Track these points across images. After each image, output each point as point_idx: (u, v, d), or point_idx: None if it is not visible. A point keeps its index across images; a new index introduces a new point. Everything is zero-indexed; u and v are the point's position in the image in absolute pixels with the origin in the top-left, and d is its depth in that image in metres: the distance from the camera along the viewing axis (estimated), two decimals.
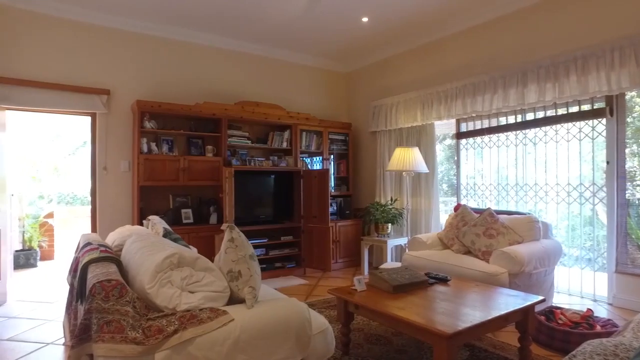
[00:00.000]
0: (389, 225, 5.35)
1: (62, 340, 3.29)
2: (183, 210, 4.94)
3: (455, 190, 5.32)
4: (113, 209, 4.83)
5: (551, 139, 4.30)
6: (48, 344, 3.26)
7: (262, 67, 5.98)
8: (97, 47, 4.79)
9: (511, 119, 4.62)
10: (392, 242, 5.25)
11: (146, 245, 2.11)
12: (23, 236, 6.68)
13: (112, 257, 2.03)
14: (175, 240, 2.62)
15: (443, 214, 5.52)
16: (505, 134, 4.66)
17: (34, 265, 6.47)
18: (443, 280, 3.09)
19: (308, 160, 6.15)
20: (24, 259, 6.42)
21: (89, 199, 4.87)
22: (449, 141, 6.09)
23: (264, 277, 5.00)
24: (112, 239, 2.88)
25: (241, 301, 2.00)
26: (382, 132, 6.01)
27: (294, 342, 1.97)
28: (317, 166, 6.19)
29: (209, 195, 5.25)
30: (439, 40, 5.28)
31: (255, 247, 5.26)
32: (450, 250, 4.21)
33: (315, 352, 2.09)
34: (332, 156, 6.26)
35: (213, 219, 5.04)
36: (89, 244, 2.42)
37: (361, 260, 5.61)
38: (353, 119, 6.66)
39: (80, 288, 2.01)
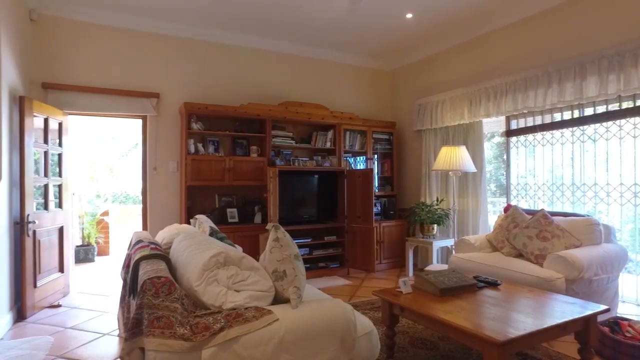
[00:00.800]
0: (435, 226, 5.21)
1: (117, 332, 3.46)
2: (228, 210, 5.05)
3: (505, 190, 5.09)
4: (162, 207, 5.02)
5: (614, 135, 4.00)
6: (105, 334, 3.44)
7: (306, 68, 6.01)
8: (147, 53, 4.99)
9: (566, 115, 4.35)
10: (438, 244, 5.11)
11: (193, 243, 2.16)
12: (82, 233, 7.09)
13: (161, 254, 2.09)
14: (221, 239, 2.66)
15: (491, 215, 5.30)
16: (560, 130, 4.40)
17: (92, 260, 6.85)
18: (493, 285, 2.95)
19: (351, 160, 6.11)
20: (84, 253, 6.81)
21: (140, 198, 5.11)
22: (497, 139, 5.83)
23: (308, 276, 4.97)
24: (161, 237, 2.98)
25: (286, 301, 2.00)
26: (427, 130, 5.86)
27: (338, 344, 1.95)
28: (360, 166, 6.14)
29: (253, 195, 5.34)
30: (487, 34, 5.07)
31: (299, 246, 5.28)
32: (499, 253, 4.03)
33: (359, 354, 2.05)
34: (375, 156, 6.18)
35: (257, 218, 5.12)
36: (140, 241, 2.52)
37: (405, 262, 5.50)
38: (397, 118, 6.54)
39: (132, 283, 2.09)
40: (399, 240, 5.88)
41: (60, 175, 4.49)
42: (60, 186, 4.48)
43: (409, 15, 4.87)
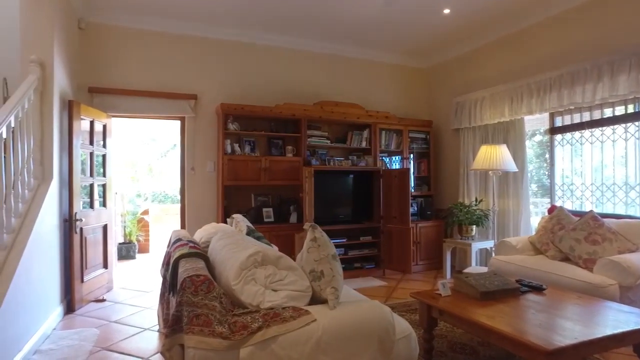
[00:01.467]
0: (474, 227, 5.05)
1: (157, 327, 3.55)
2: (264, 209, 5.09)
3: (548, 190, 4.87)
4: (200, 207, 5.12)
5: None
6: (145, 329, 3.54)
7: (341, 67, 5.98)
8: (186, 55, 5.12)
9: (619, 110, 4.10)
10: (477, 245, 4.96)
11: (231, 242, 2.18)
12: (124, 231, 7.35)
13: (200, 253, 2.12)
14: (258, 238, 2.68)
15: (534, 216, 5.09)
16: (612, 127, 4.16)
17: (133, 257, 7.09)
18: (537, 289, 2.82)
19: (387, 159, 6.03)
20: (125, 251, 7.06)
21: (179, 197, 5.25)
22: (539, 137, 5.59)
23: (343, 277, 4.97)
24: (199, 235, 3.04)
25: (323, 301, 1.98)
26: (466, 129, 5.70)
27: (376, 346, 1.91)
28: (396, 165, 6.05)
29: (288, 195, 5.36)
30: (529, 27, 4.87)
31: (334, 247, 5.25)
32: (543, 256, 3.86)
33: (398, 357, 2.01)
34: (411, 155, 6.07)
35: (293, 218, 5.13)
36: (179, 239, 2.57)
37: (443, 263, 5.37)
38: (434, 117, 6.40)
39: (172, 281, 2.13)
40: (436, 242, 5.75)
41: (104, 175, 4.67)
42: (104, 186, 4.66)
43: (447, 11, 4.75)
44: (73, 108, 3.99)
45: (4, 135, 2.78)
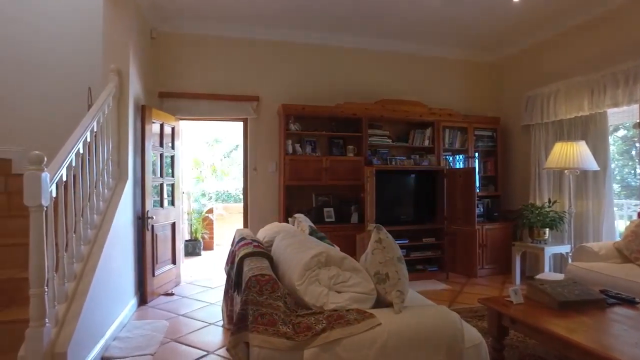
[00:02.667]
0: (547, 230, 4.71)
1: (221, 322, 3.66)
2: (325, 209, 5.09)
3: (636, 191, 4.42)
4: (262, 206, 5.23)
5: None
6: (210, 324, 3.67)
7: (402, 64, 5.84)
8: (247, 58, 5.25)
9: None
10: (551, 250, 4.62)
11: (294, 242, 2.18)
12: (190, 228, 7.70)
13: (264, 252, 2.15)
14: (320, 238, 2.67)
15: (618, 219, 4.64)
16: None
17: (198, 254, 7.41)
18: (628, 302, 2.55)
19: (450, 158, 5.80)
20: (191, 247, 7.39)
21: (241, 196, 5.41)
22: (623, 132, 5.10)
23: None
24: (262, 234, 3.08)
25: (387, 305, 1.92)
26: (537, 125, 5.33)
27: (444, 354, 1.82)
28: (460, 165, 5.80)
29: (349, 195, 5.32)
30: (615, 8, 4.43)
31: None
32: (634, 265, 3.50)
33: None
34: (477, 154, 5.79)
35: (354, 218, 5.09)
36: (243, 238, 2.62)
37: (512, 268, 5.06)
38: (501, 113, 6.06)
39: (236, 279, 2.17)
40: (504, 245, 5.44)
41: (172, 175, 4.91)
42: (172, 185, 4.90)
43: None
44: (145, 112, 4.23)
45: (88, 139, 2.99)
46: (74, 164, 2.72)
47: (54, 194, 2.37)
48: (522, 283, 4.90)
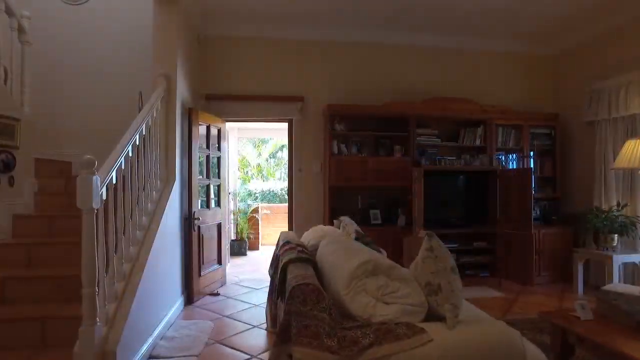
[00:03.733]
0: (615, 236, 4.31)
1: (265, 325, 3.63)
2: (371, 211, 4.96)
3: None
4: (307, 207, 5.18)
5: None
6: (254, 326, 3.65)
7: (451, 60, 5.59)
8: (292, 59, 5.22)
9: None
10: (621, 258, 4.22)
11: (340, 248, 2.08)
12: (236, 228, 7.81)
13: (308, 258, 2.07)
14: (367, 244, 2.56)
15: None
16: None
17: (244, 254, 7.50)
18: None
19: (502, 158, 5.48)
20: (237, 247, 7.49)
21: (286, 197, 5.39)
22: None
23: None
24: (307, 238, 3.01)
25: (439, 318, 1.78)
26: (604, 121, 4.89)
27: None
28: (514, 165, 5.47)
29: (396, 196, 5.16)
30: None
31: None
32: None
33: None
34: (531, 153, 5.43)
35: (401, 220, 4.92)
36: (287, 242, 2.56)
37: (573, 277, 4.69)
38: (560, 109, 5.64)
39: (280, 286, 2.11)
40: (563, 251, 5.05)
41: (218, 176, 4.96)
42: (219, 186, 4.96)
43: None
44: (192, 115, 4.29)
45: (137, 142, 3.04)
46: (123, 167, 2.77)
47: (104, 197, 2.41)
48: (586, 294, 4.52)
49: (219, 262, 4.91)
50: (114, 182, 2.60)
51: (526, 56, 5.81)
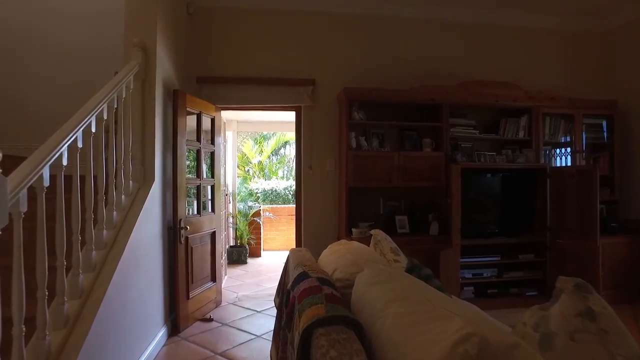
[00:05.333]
0: None
1: None
2: (397, 218, 4.09)
3: None
4: (318, 212, 4.33)
5: None
6: None
7: (489, 37, 4.71)
8: (301, 35, 4.36)
9: None
10: None
11: (400, 299, 1.22)
12: (235, 233, 6.96)
13: (348, 318, 1.22)
14: (426, 278, 1.70)
15: None
16: None
17: (244, 262, 6.65)
18: None
19: (548, 153, 4.62)
20: (236, 255, 6.64)
21: (290, 196, 4.56)
22: None
23: (496, 305, 3.81)
24: (328, 261, 2.15)
25: None
26: None
27: None
28: (563, 162, 4.61)
29: (424, 199, 4.31)
30: None
31: (486, 266, 4.10)
32: None
33: None
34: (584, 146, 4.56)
35: (433, 228, 4.04)
36: (304, 274, 1.71)
37: None
38: (619, 95, 4.73)
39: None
40: (628, 264, 4.20)
41: (212, 175, 4.11)
42: (212, 187, 4.11)
43: None
44: (178, 98, 3.44)
45: (94, 129, 2.19)
46: (65, 163, 1.93)
47: (23, 208, 1.57)
48: None
49: (213, 278, 4.06)
50: (45, 185, 1.75)
51: (579, 33, 4.90)
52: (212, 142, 4.10)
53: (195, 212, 3.82)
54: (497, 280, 4.12)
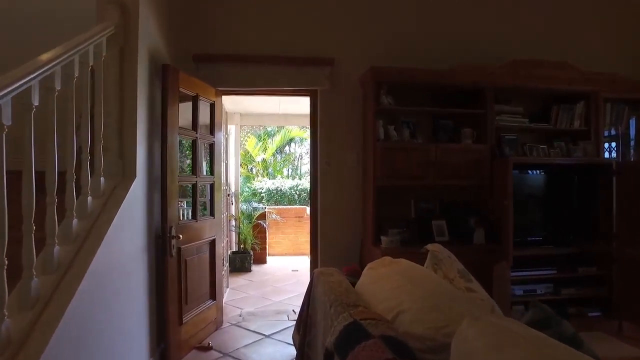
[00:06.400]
0: None
1: None
2: (434, 223, 3.39)
3: None
4: (337, 215, 3.65)
5: None
6: None
7: (542, 9, 4.00)
8: (318, 6, 3.67)
9: None
10: None
11: None
12: (238, 238, 6.28)
13: None
14: (571, 339, 1.02)
15: None
16: None
17: (248, 270, 5.99)
18: None
19: (607, 146, 3.93)
20: (239, 262, 5.98)
21: (295, 197, 3.90)
22: None
23: None
24: (383, 299, 1.43)
25: None
26: None
27: None
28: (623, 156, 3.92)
29: (463, 200, 3.62)
30: None
31: (539, 281, 3.42)
32: None
33: None
34: None
35: (479, 236, 3.34)
36: (357, 328, 1.03)
37: None
38: None
39: None
40: None
41: (212, 172, 3.43)
42: (212, 187, 3.42)
43: None
44: (169, 75, 2.76)
45: (35, 102, 1.51)
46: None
47: None
48: None
49: (213, 296, 3.38)
50: None
51: None
52: (212, 132, 3.42)
53: (191, 216, 3.13)
54: (553, 297, 3.43)
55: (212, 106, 3.40)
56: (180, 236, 2.76)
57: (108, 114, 2.21)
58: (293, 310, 4.07)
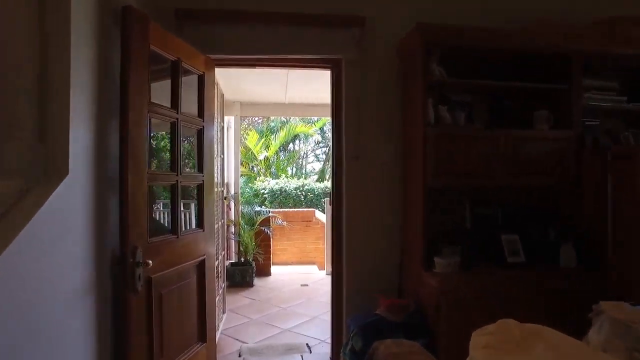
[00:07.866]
0: None
1: None
2: (504, 238, 2.46)
3: None
4: (368, 224, 2.75)
5: None
6: None
7: None
8: None
9: None
10: None
11: None
12: (238, 247, 5.39)
13: None
14: None
15: None
16: None
17: (250, 285, 5.13)
18: None
19: None
20: (240, 276, 5.12)
21: (301, 198, 3.04)
22: None
23: None
24: None
25: None
26: None
27: None
28: None
29: (535, 205, 2.72)
30: None
31: None
32: None
33: None
34: None
35: (567, 256, 2.40)
36: None
37: None
38: None
39: None
40: None
41: (200, 169, 2.51)
42: (200, 187, 2.50)
43: None
44: (134, 22, 1.86)
45: None
46: None
47: None
48: None
49: (202, 337, 2.47)
50: None
51: None
52: (201, 115, 2.51)
53: (169, 231, 2.22)
54: None
55: (201, 79, 2.50)
56: (150, 262, 1.86)
57: (16, 68, 1.32)
58: (307, 345, 3.22)
